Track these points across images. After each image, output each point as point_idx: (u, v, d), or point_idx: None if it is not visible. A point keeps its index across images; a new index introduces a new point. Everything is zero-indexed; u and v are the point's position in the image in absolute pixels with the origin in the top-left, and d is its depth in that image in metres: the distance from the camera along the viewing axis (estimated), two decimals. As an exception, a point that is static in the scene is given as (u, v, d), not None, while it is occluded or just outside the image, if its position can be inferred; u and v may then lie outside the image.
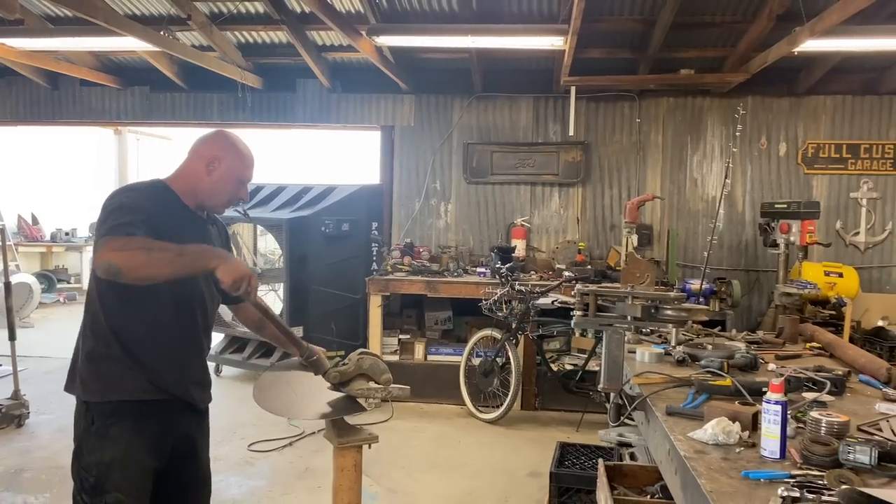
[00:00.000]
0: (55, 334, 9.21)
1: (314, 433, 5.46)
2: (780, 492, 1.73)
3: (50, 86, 8.06)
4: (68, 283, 12.94)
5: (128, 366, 2.32)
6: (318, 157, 13.09)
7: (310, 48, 6.85)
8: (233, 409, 5.80)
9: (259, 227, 8.00)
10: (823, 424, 2.11)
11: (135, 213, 2.24)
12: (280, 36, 6.96)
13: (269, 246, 10.37)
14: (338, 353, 2.63)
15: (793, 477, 1.85)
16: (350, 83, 7.67)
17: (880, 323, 6.26)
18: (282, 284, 7.06)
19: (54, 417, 5.73)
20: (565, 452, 4.11)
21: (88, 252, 12.82)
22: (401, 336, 6.79)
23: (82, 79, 7.70)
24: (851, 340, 5.39)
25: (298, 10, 6.36)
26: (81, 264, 12.78)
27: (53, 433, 5.37)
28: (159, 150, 16.54)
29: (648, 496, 3.06)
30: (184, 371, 2.45)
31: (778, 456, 2.01)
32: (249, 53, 7.27)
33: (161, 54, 7.06)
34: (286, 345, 2.77)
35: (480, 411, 6.08)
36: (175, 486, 2.52)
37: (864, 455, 1.90)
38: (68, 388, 2.41)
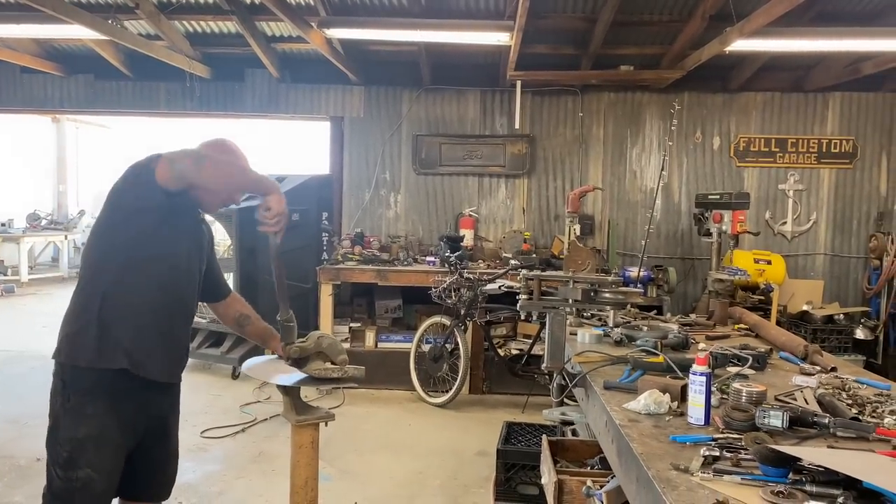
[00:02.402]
0: (-6, 327, 9.01)
1: (267, 419, 5.56)
2: (702, 452, 1.92)
3: (-12, 72, 7.87)
4: (5, 275, 12.57)
5: (119, 339, 2.39)
6: (267, 148, 12.98)
7: (259, 39, 6.86)
8: (184, 397, 5.78)
9: (208, 217, 7.96)
10: (743, 394, 2.33)
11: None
12: (229, 26, 6.95)
13: (217, 237, 10.28)
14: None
15: (715, 440, 2.05)
16: (299, 74, 7.70)
17: (805, 307, 6.67)
18: (231, 274, 7.06)
19: (0, 409, 5.66)
20: (511, 431, 4.30)
21: (26, 243, 12.49)
22: (352, 324, 6.89)
23: (23, 65, 7.53)
24: (778, 324, 5.75)
25: (248, 0, 6.37)
26: (19, 256, 12.42)
27: (0, 424, 5.31)
28: (98, 139, 16.13)
29: (589, 468, 3.28)
30: (162, 353, 2.52)
31: (703, 422, 2.21)
32: (198, 43, 7.22)
33: (106, 42, 6.97)
34: (268, 342, 2.90)
35: (430, 396, 6.25)
36: (145, 463, 2.59)
37: (776, 419, 2.11)
38: (55, 355, 2.47)
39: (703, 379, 2.22)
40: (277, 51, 7.40)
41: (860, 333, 6.59)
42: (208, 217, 3.03)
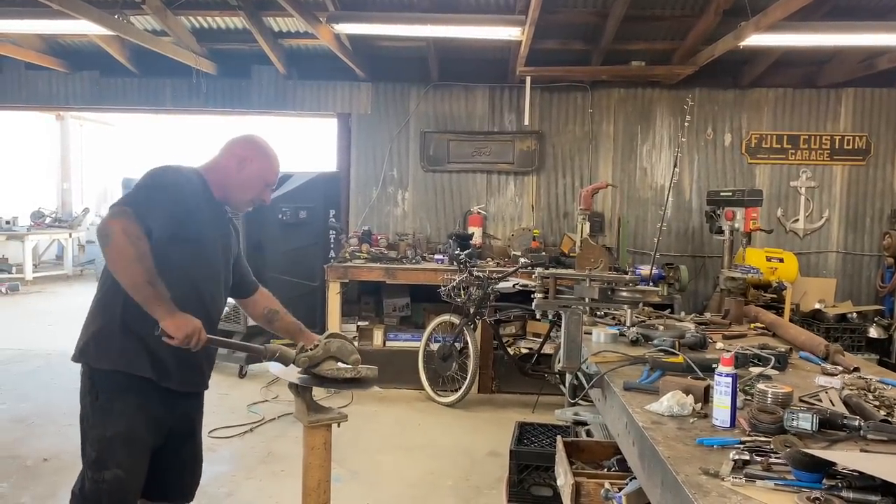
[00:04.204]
0: None
1: (274, 419, 5.51)
2: (731, 456, 1.86)
3: (-7, 69, 7.83)
4: (9, 273, 12.56)
5: (138, 343, 2.37)
6: (274, 145, 12.91)
7: (266, 34, 6.80)
8: (191, 396, 5.77)
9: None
10: (769, 395, 2.27)
11: (164, 200, 2.37)
12: (236, 21, 6.88)
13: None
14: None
15: (742, 443, 1.99)
16: (306, 70, 7.64)
17: (817, 305, 6.60)
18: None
19: (5, 408, 5.62)
20: (524, 432, 4.23)
21: (30, 241, 12.47)
22: (359, 323, 6.82)
23: (28, 62, 7.48)
24: (791, 322, 5.68)
25: (255, -5, 6.32)
26: (23, 254, 12.41)
27: (6, 423, 5.26)
28: (102, 136, 16.12)
29: (605, 469, 3.22)
30: (190, 361, 2.50)
31: (728, 425, 2.15)
32: (204, 39, 7.17)
33: (112, 38, 6.92)
34: (296, 337, 2.87)
35: (439, 395, 6.19)
36: (174, 463, 2.60)
37: (806, 422, 2.05)
38: (78, 358, 2.45)
39: (730, 380, 2.17)
40: (284, 47, 7.34)
41: (873, 332, 6.52)
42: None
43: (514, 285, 5.76)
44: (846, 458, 1.81)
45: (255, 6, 6.41)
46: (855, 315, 6.59)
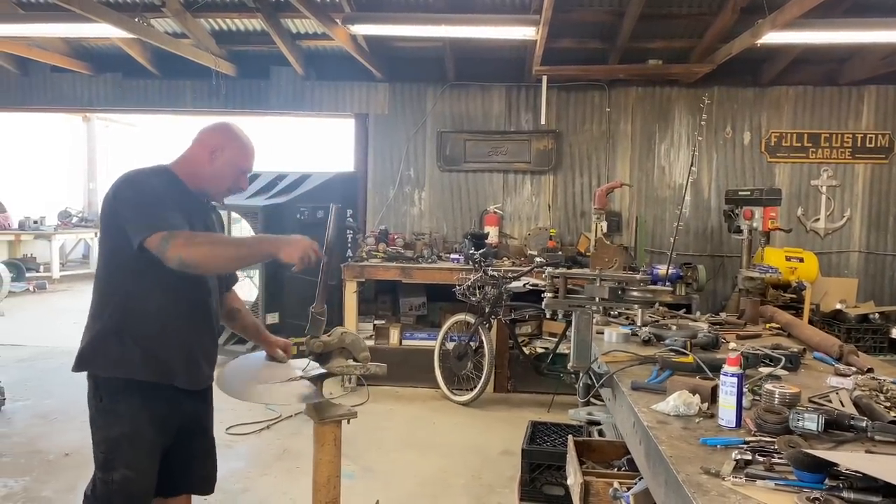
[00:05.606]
0: (26, 323, 9.16)
1: (291, 416, 5.55)
2: (733, 455, 1.86)
3: (20, 72, 7.96)
4: (37, 271, 12.80)
5: (134, 347, 2.38)
6: (292, 145, 13.04)
7: (284, 36, 6.87)
8: (210, 394, 5.84)
9: (234, 214, 8.02)
10: (776, 395, 2.26)
11: (164, 202, 2.36)
12: (254, 23, 6.97)
13: (243, 233, 10.37)
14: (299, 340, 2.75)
15: (746, 443, 1.99)
16: (324, 71, 7.70)
17: (838, 306, 6.50)
18: (257, 272, 7.10)
19: (30, 404, 5.74)
20: (536, 431, 4.24)
21: (57, 240, 12.71)
22: (376, 322, 6.87)
23: (53, 65, 7.62)
24: (811, 323, 5.60)
25: (273, -3, 6.38)
26: (50, 252, 12.66)
27: (30, 419, 5.38)
28: (126, 137, 16.35)
29: (615, 469, 3.22)
30: (189, 360, 2.50)
31: (734, 425, 2.15)
32: (223, 41, 7.26)
33: (134, 41, 7.03)
34: (255, 337, 2.88)
35: (454, 394, 6.21)
36: (183, 457, 2.60)
37: (811, 422, 2.04)
38: (77, 367, 2.44)
39: (735, 380, 2.16)
40: (302, 48, 7.40)
41: (896, 333, 6.41)
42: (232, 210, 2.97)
43: (524, 284, 5.76)
44: (848, 458, 1.80)
45: (273, 8, 6.48)
46: (877, 315, 6.47)
